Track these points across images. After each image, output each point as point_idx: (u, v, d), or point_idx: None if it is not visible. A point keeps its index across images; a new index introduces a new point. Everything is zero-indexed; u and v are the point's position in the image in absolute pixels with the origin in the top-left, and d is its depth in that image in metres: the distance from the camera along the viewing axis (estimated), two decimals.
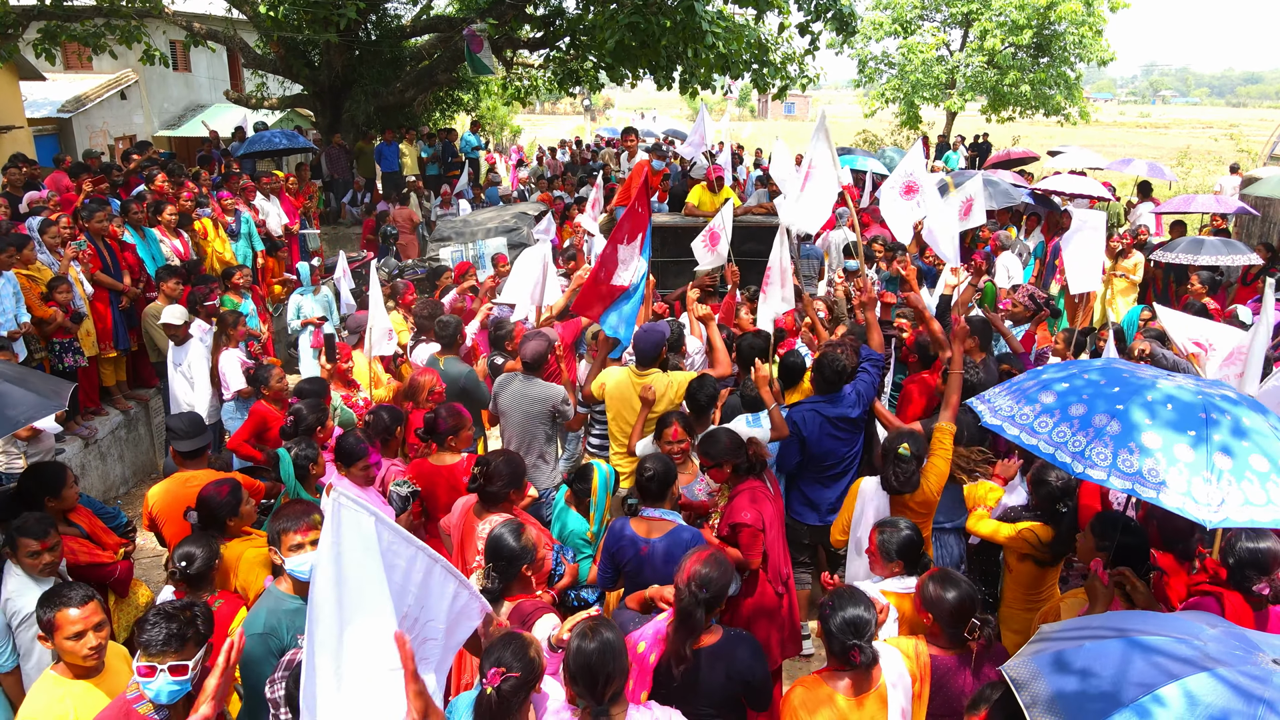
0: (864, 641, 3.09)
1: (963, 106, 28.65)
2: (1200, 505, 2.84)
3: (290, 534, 3.53)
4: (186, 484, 4.64)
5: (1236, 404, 3.13)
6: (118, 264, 8.24)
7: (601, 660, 2.79)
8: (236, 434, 6.08)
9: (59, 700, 3.15)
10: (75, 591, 3.19)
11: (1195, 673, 2.29)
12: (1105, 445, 3.06)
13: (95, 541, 4.46)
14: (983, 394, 3.73)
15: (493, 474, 4.24)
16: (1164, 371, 3.42)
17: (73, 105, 18.76)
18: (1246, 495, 2.85)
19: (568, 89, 18.32)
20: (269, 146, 15.31)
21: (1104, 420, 3.12)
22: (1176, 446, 2.96)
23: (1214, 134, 36.72)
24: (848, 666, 3.13)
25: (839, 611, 3.13)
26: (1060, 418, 3.24)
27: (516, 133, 34.55)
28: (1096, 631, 2.60)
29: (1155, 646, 2.41)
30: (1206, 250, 9.41)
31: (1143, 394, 3.16)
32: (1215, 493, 2.85)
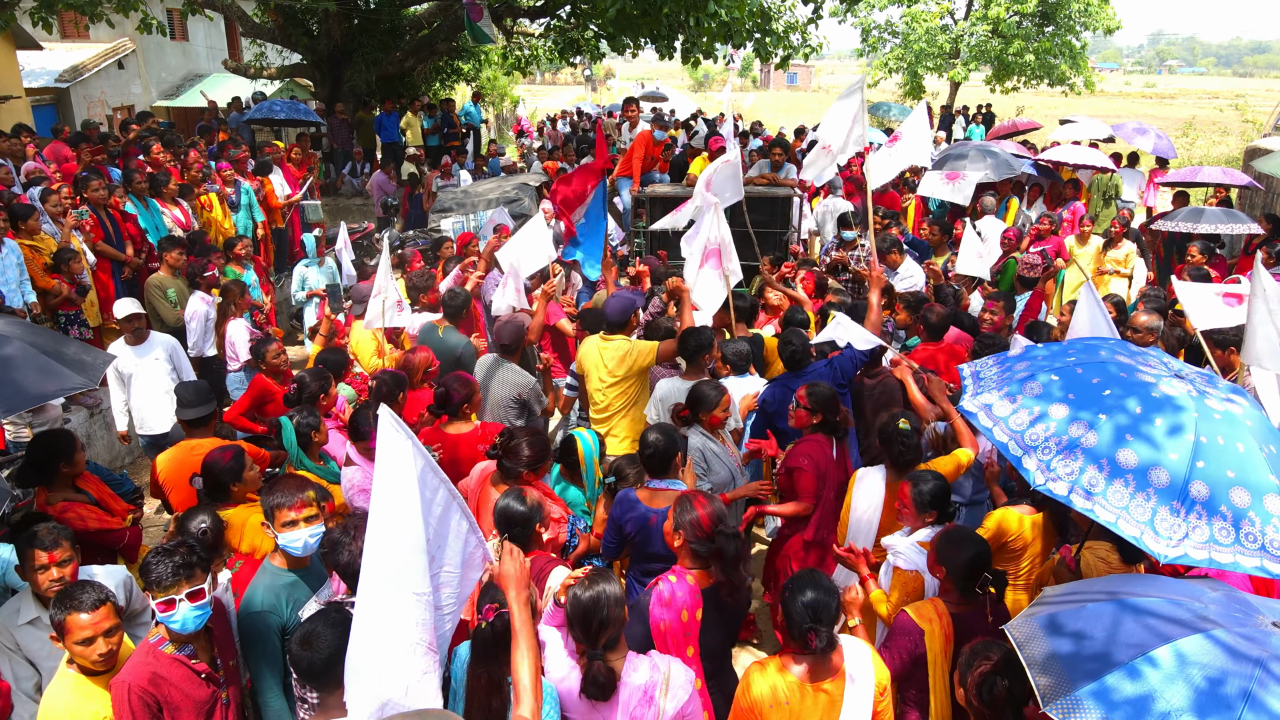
0: (822, 626, 3.02)
1: (966, 76, 28.42)
2: (1159, 539, 2.70)
3: (284, 510, 3.53)
4: (193, 451, 4.69)
5: (1238, 422, 2.90)
6: (120, 234, 8.25)
7: (596, 607, 2.91)
8: (234, 406, 6.10)
9: (85, 699, 3.13)
10: (87, 594, 3.10)
11: (1189, 634, 2.30)
12: (1074, 459, 2.88)
13: (104, 508, 4.51)
14: (976, 365, 3.60)
15: (513, 451, 4.25)
16: (1171, 369, 3.16)
17: (70, 75, 18.64)
18: (1213, 533, 2.69)
19: (568, 59, 18.17)
20: (269, 115, 15.23)
21: (1080, 430, 2.93)
22: (1153, 470, 2.79)
23: (1219, 104, 36.49)
24: (805, 651, 3.05)
25: (799, 594, 3.05)
26: (1037, 416, 3.07)
27: (516, 103, 34.28)
28: (1096, 595, 2.62)
29: (1151, 609, 2.44)
30: (1207, 219, 9.40)
31: (1133, 400, 2.95)
32: (1179, 526, 2.70)
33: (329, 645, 2.76)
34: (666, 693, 2.92)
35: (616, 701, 2.92)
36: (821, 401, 4.76)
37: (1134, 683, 2.24)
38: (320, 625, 2.84)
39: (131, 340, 6.47)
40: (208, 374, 7.28)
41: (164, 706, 3.05)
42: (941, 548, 3.55)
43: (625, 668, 2.96)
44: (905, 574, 3.92)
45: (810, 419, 4.80)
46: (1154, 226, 10.48)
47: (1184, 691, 2.18)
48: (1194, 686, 2.18)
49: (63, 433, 4.42)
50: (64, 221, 7.52)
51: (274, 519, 3.55)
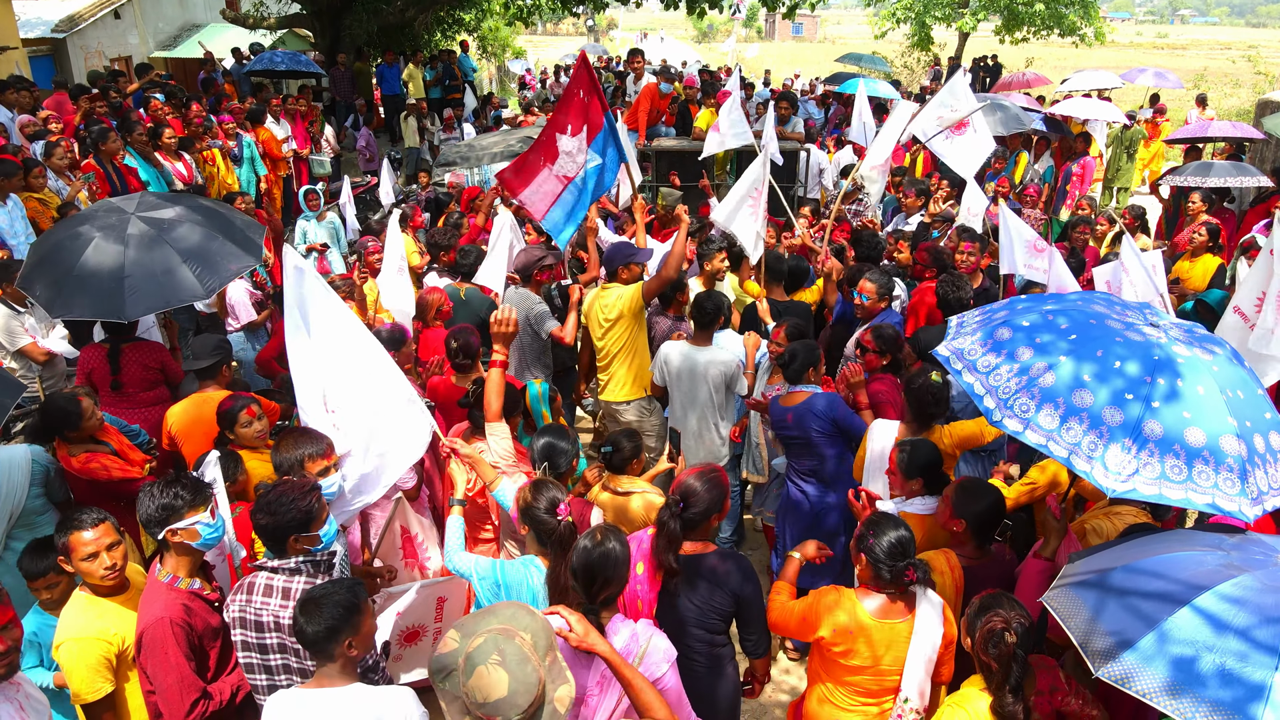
0: (913, 559, 3.14)
1: (975, 27, 27.90)
2: (1109, 473, 2.76)
3: (317, 459, 3.60)
4: (205, 403, 4.74)
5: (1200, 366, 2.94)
6: (126, 188, 8.23)
7: (601, 564, 2.96)
8: (264, 350, 6.25)
9: (96, 616, 3.27)
10: (87, 514, 3.28)
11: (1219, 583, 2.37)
12: (1032, 398, 2.96)
13: (123, 458, 4.59)
14: (962, 315, 3.66)
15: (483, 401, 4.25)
16: (1148, 319, 3.21)
17: (66, 25, 18.38)
18: (1164, 469, 2.74)
19: (571, 8, 17.89)
20: (270, 66, 15.04)
21: (1040, 369, 3.01)
22: (1107, 409, 2.85)
23: (1232, 55, 35.92)
24: (899, 586, 3.16)
25: (883, 536, 3.15)
26: (1003, 359, 3.15)
27: (519, 54, 33.79)
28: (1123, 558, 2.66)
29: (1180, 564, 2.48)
30: (1215, 173, 9.30)
31: (1097, 345, 3.01)
32: (1130, 462, 2.76)
33: (329, 619, 2.76)
34: (640, 662, 2.92)
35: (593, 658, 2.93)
36: (888, 342, 5.06)
37: (1178, 638, 2.30)
38: (322, 595, 2.83)
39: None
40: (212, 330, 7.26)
41: (200, 636, 3.21)
42: (958, 499, 3.58)
43: (608, 629, 2.98)
44: None
45: (880, 360, 5.08)
46: (1163, 181, 10.40)
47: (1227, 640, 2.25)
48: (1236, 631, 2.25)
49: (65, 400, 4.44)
50: (72, 176, 7.50)
51: (306, 470, 3.61)
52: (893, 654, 3.18)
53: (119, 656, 3.27)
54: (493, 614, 2.49)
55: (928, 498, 3.96)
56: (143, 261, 4.92)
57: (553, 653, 2.46)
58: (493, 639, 2.38)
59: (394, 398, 3.77)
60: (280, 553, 3.22)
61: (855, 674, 3.21)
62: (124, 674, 3.31)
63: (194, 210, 5.40)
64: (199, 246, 5.12)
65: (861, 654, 3.18)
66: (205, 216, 5.36)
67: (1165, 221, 10.80)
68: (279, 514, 3.13)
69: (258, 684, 3.23)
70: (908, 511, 3.94)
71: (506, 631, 2.41)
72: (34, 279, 5.01)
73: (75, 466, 4.39)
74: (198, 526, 3.23)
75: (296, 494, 3.17)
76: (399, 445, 3.79)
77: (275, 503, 3.14)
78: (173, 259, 4.96)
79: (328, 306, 3.75)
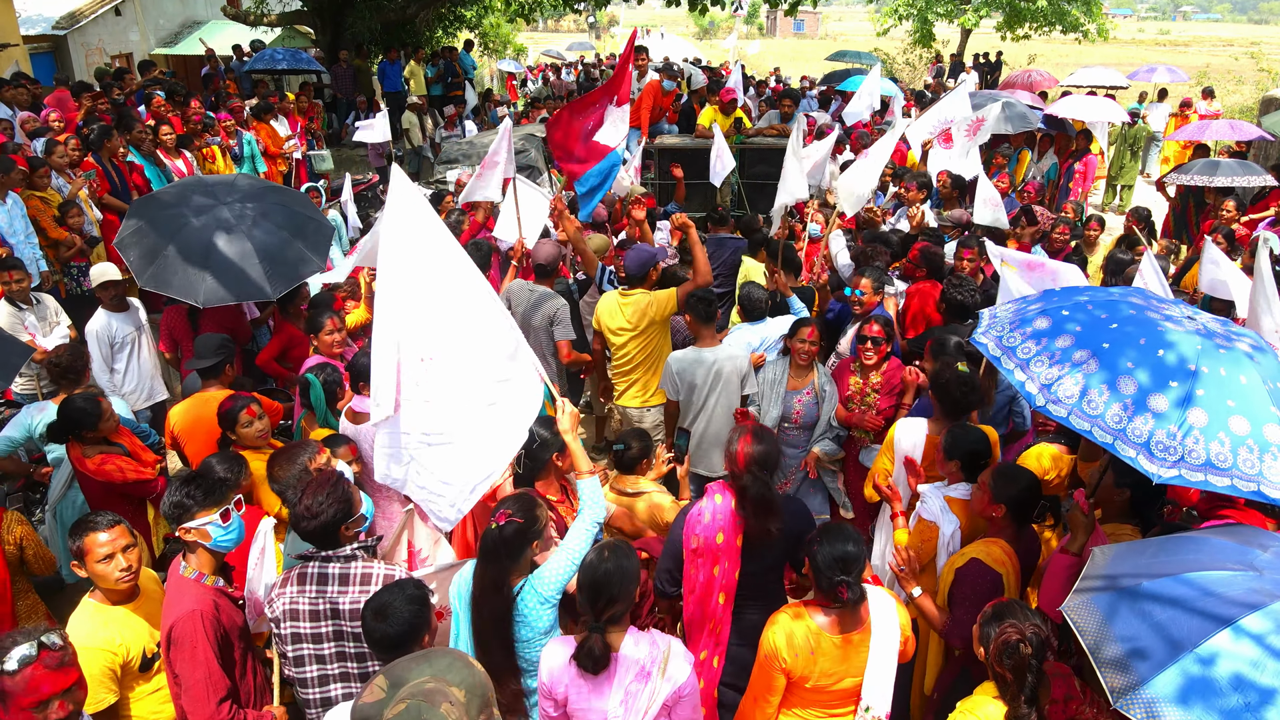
0: (851, 579, 3.02)
1: (977, 23, 27.83)
2: (1154, 459, 2.76)
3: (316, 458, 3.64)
4: (207, 403, 4.72)
5: (1242, 358, 2.94)
6: (127, 186, 8.20)
7: (608, 582, 2.90)
8: (265, 350, 6.19)
9: (103, 625, 3.24)
10: (102, 517, 3.25)
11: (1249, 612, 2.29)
12: (1076, 383, 2.97)
13: (136, 459, 4.60)
14: (994, 308, 3.68)
15: None
16: (1185, 313, 3.22)
17: (67, 22, 18.33)
18: (1210, 456, 2.73)
19: (572, 5, 17.83)
20: (271, 65, 14.99)
21: (1083, 356, 3.02)
22: (1152, 396, 2.85)
23: (1234, 52, 35.80)
24: (834, 603, 3.07)
25: (827, 546, 3.05)
26: (1043, 347, 3.16)
27: (520, 51, 33.71)
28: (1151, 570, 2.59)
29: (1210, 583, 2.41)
30: (1222, 171, 9.26)
31: (1139, 335, 3.03)
32: (1175, 449, 2.76)
33: (404, 620, 2.79)
34: (664, 671, 2.90)
35: (611, 675, 2.91)
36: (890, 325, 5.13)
37: (1202, 671, 2.24)
38: (397, 598, 2.85)
39: (112, 307, 6.10)
40: None
41: (228, 631, 3.22)
42: (996, 484, 3.56)
43: (625, 641, 2.94)
44: (924, 523, 3.93)
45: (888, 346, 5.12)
46: (1169, 180, 10.34)
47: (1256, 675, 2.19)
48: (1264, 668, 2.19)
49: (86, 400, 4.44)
50: (72, 174, 7.47)
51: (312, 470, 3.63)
52: (852, 665, 3.11)
53: (124, 667, 3.24)
54: (428, 662, 2.24)
55: (967, 484, 3.91)
56: (225, 253, 5.44)
57: (488, 710, 2.22)
58: (416, 706, 2.08)
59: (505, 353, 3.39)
60: (334, 545, 3.22)
61: (817, 693, 3.14)
62: (129, 684, 3.28)
63: (278, 205, 5.93)
64: (274, 246, 5.61)
65: (822, 673, 3.09)
66: (286, 214, 5.88)
67: (1173, 220, 10.74)
68: (322, 513, 3.14)
69: (307, 676, 3.23)
70: (952, 496, 3.91)
71: (436, 692, 2.14)
72: (129, 246, 5.54)
73: (90, 468, 4.38)
74: (209, 528, 3.22)
75: (328, 487, 3.18)
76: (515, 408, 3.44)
77: (312, 505, 3.15)
78: (249, 255, 5.47)
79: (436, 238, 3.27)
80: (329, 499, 3.16)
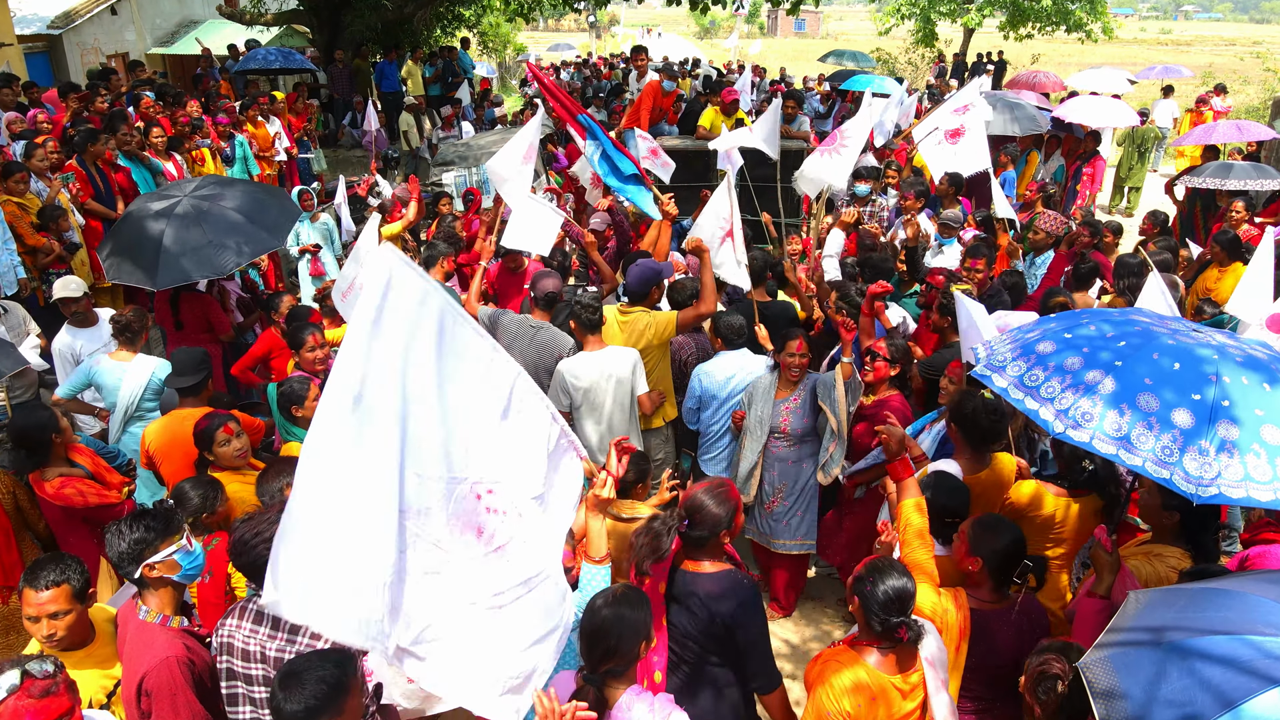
0: (909, 616, 2.82)
1: (980, 22, 27.62)
2: (1190, 479, 2.59)
3: None
4: (184, 421, 4.46)
5: (1261, 365, 2.79)
6: (110, 190, 7.99)
7: (605, 631, 2.68)
8: (242, 360, 5.97)
9: None
10: (49, 573, 2.92)
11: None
12: (1094, 404, 2.78)
13: (99, 482, 4.34)
14: (988, 339, 3.48)
15: None
16: (1189, 326, 3.07)
17: (62, 21, 18.14)
18: (1248, 470, 2.56)
19: (572, 4, 17.65)
20: (264, 65, 14.79)
21: (1097, 376, 2.84)
22: (1175, 411, 2.67)
23: (1237, 51, 35.62)
24: (890, 643, 2.86)
25: (880, 584, 2.81)
26: (1053, 371, 2.96)
27: (520, 50, 33.54)
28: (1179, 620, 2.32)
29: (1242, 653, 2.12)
30: (1235, 174, 9.03)
31: (1150, 349, 2.86)
32: (1210, 465, 2.58)
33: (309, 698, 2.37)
34: None
35: None
36: (901, 352, 4.82)
37: None
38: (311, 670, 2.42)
39: (76, 323, 5.79)
40: None
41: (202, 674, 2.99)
42: (975, 536, 3.28)
43: (622, 698, 2.70)
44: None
45: (890, 371, 4.81)
46: (1181, 182, 10.12)
47: None
48: None
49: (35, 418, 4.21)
50: (51, 177, 7.26)
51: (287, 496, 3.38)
52: (913, 706, 2.89)
53: None
54: None
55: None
56: (179, 239, 5.74)
57: None
58: None
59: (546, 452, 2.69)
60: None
61: None
62: None
63: (239, 192, 6.24)
64: (229, 228, 5.88)
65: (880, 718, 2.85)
66: (247, 200, 6.16)
67: (1180, 223, 10.54)
68: (247, 552, 2.90)
69: (239, 717, 2.99)
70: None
71: None
72: (104, 245, 6.14)
73: (48, 492, 4.12)
74: (176, 556, 3.00)
75: (263, 526, 2.92)
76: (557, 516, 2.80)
77: (241, 542, 2.92)
78: (203, 238, 5.77)
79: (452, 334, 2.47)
80: (259, 539, 2.89)
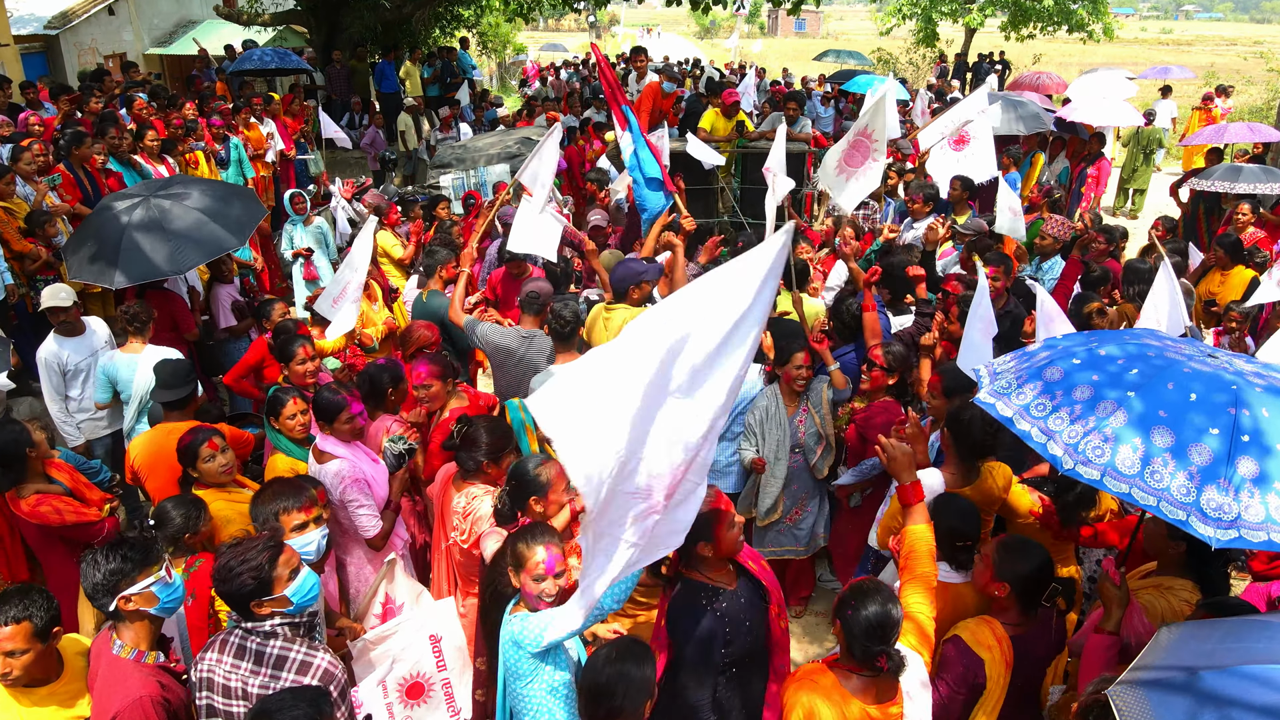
0: (890, 645, 2.70)
1: (982, 22, 27.50)
2: (1207, 521, 2.43)
3: (293, 513, 3.27)
4: (170, 435, 4.28)
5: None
6: (100, 194, 7.85)
7: (609, 691, 2.55)
8: (234, 369, 5.82)
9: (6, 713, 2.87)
10: (11, 608, 2.79)
11: None
12: (1105, 440, 2.62)
13: (78, 499, 4.18)
14: (994, 361, 3.29)
15: (471, 440, 3.83)
16: (1204, 351, 2.90)
17: (59, 21, 18.03)
18: (1270, 511, 2.41)
19: (572, 4, 17.54)
20: (259, 65, 14.66)
21: (1109, 408, 2.67)
22: (1193, 447, 2.52)
23: (1239, 51, 35.50)
24: (871, 671, 2.73)
25: (863, 610, 2.69)
26: (1061, 401, 2.79)
27: (520, 50, 33.41)
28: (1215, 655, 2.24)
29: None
30: (1244, 178, 8.86)
31: (1165, 377, 2.69)
32: (1230, 506, 2.42)
33: None
34: None
35: None
36: (899, 359, 4.62)
37: None
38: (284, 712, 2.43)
39: (63, 332, 5.64)
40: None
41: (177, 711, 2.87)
42: (1001, 560, 3.13)
43: None
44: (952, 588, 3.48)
45: (887, 380, 4.63)
46: (1188, 185, 9.94)
47: None
48: None
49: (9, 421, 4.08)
50: (37, 181, 7.13)
51: (281, 525, 3.26)
52: None
53: None
54: None
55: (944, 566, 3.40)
56: (136, 240, 5.78)
57: None
58: None
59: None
60: (249, 616, 2.86)
61: None
62: None
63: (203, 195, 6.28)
64: (187, 229, 5.92)
65: None
66: (211, 200, 6.21)
67: (1184, 227, 10.39)
68: (230, 580, 2.77)
69: None
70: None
71: None
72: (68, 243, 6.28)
73: (24, 510, 3.96)
74: (154, 589, 2.85)
75: (250, 553, 2.80)
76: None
77: (225, 569, 2.79)
78: (159, 239, 5.80)
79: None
80: (241, 570, 2.77)
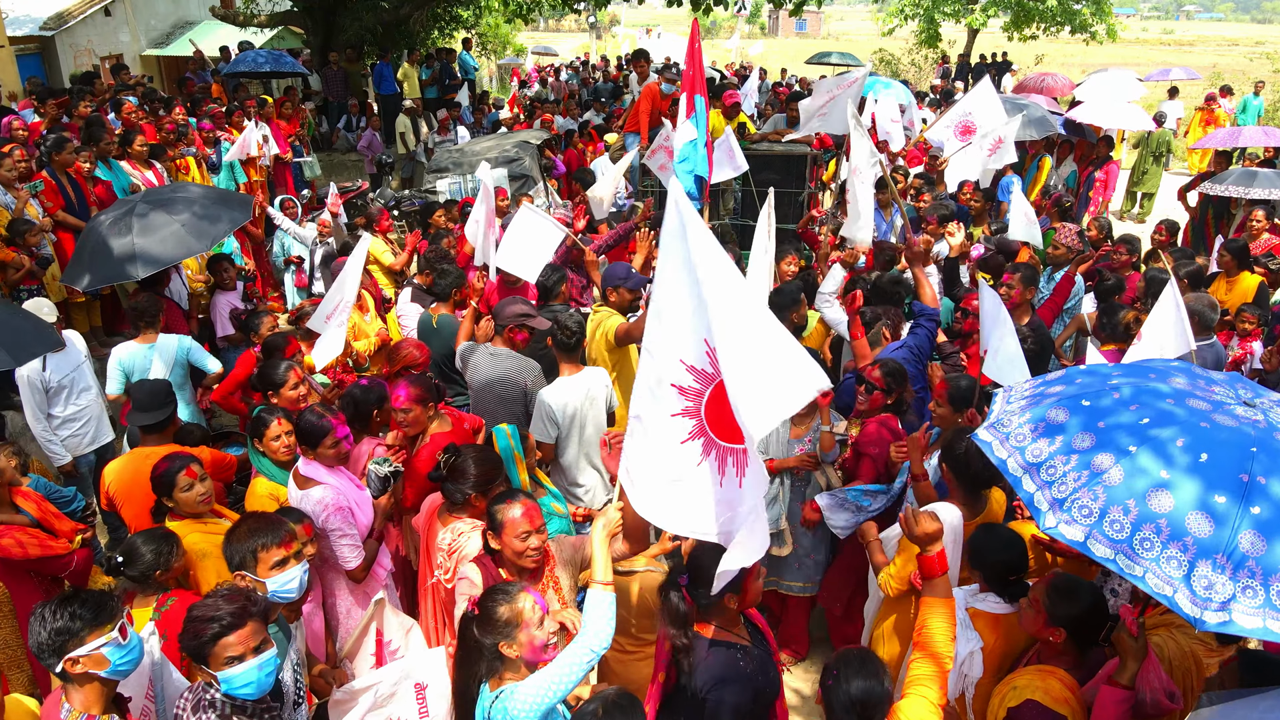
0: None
1: (984, 23, 27.31)
2: (1195, 599, 2.20)
3: (273, 549, 3.08)
4: (147, 459, 4.05)
5: None
6: (84, 200, 7.66)
7: None
8: (221, 385, 5.60)
9: None
10: None
11: None
12: (1095, 498, 2.40)
13: (46, 530, 3.97)
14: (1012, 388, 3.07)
15: (459, 471, 3.64)
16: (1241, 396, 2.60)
17: (55, 23, 17.86)
18: (1270, 596, 2.15)
19: (572, 4, 17.36)
20: (253, 68, 14.47)
21: (1105, 463, 2.45)
22: (1192, 516, 2.28)
23: (1241, 51, 35.34)
24: None
25: (846, 682, 2.51)
26: (1060, 447, 2.58)
27: (520, 51, 33.22)
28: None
29: None
30: (1260, 182, 8.60)
31: (1177, 432, 2.44)
32: (1225, 586, 2.19)
33: None
34: None
35: None
36: (896, 378, 4.50)
37: None
38: None
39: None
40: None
41: None
42: (1054, 603, 2.91)
43: None
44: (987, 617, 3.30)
45: (886, 400, 4.50)
46: (1201, 189, 9.71)
47: None
48: None
49: None
50: (18, 188, 6.94)
51: (259, 562, 3.06)
52: None
53: None
54: None
55: (988, 597, 3.27)
56: (105, 244, 5.93)
57: None
58: None
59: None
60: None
61: None
62: None
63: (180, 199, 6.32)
64: (155, 233, 5.97)
65: None
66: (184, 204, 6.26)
67: (1191, 231, 10.19)
68: (195, 638, 2.58)
69: None
70: (978, 609, 3.29)
71: None
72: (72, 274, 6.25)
73: None
74: (104, 651, 2.59)
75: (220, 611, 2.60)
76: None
77: (193, 620, 2.59)
78: (126, 244, 5.88)
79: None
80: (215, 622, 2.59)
